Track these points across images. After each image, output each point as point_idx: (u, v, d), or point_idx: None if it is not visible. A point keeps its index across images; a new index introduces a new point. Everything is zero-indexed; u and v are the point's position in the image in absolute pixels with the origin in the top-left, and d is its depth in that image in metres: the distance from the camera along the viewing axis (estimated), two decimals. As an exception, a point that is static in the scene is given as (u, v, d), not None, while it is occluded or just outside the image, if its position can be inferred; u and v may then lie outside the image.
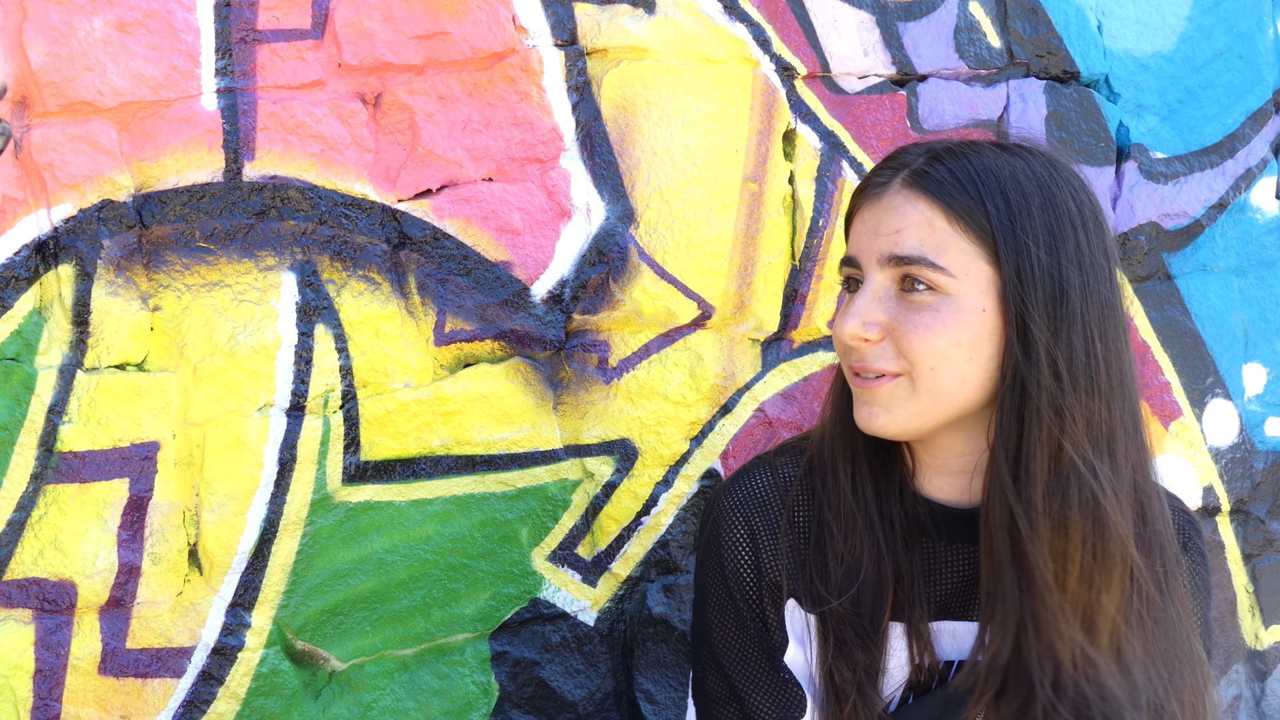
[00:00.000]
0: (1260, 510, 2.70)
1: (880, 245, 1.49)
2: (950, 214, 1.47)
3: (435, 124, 1.95)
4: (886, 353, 1.49)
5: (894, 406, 1.49)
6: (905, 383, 1.48)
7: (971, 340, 1.47)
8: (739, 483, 1.68)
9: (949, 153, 1.51)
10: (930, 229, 1.47)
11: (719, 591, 1.65)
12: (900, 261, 1.48)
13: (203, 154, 1.81)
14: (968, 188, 1.48)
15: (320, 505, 1.91)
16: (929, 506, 1.58)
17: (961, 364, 1.47)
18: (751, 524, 1.63)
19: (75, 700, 1.80)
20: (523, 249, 2.01)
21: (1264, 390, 2.68)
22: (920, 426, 1.51)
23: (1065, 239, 1.47)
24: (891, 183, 1.52)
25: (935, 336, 1.46)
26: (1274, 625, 2.74)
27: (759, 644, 1.63)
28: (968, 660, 1.55)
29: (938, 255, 1.46)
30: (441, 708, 2.03)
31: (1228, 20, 2.57)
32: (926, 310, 1.47)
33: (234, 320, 1.84)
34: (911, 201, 1.49)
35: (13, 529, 1.74)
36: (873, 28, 2.25)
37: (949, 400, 1.49)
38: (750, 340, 2.21)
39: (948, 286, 1.46)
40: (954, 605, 1.60)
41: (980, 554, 1.51)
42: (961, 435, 1.54)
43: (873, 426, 1.51)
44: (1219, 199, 2.59)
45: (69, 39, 1.71)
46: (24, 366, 1.73)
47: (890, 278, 1.49)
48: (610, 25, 2.05)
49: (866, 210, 1.53)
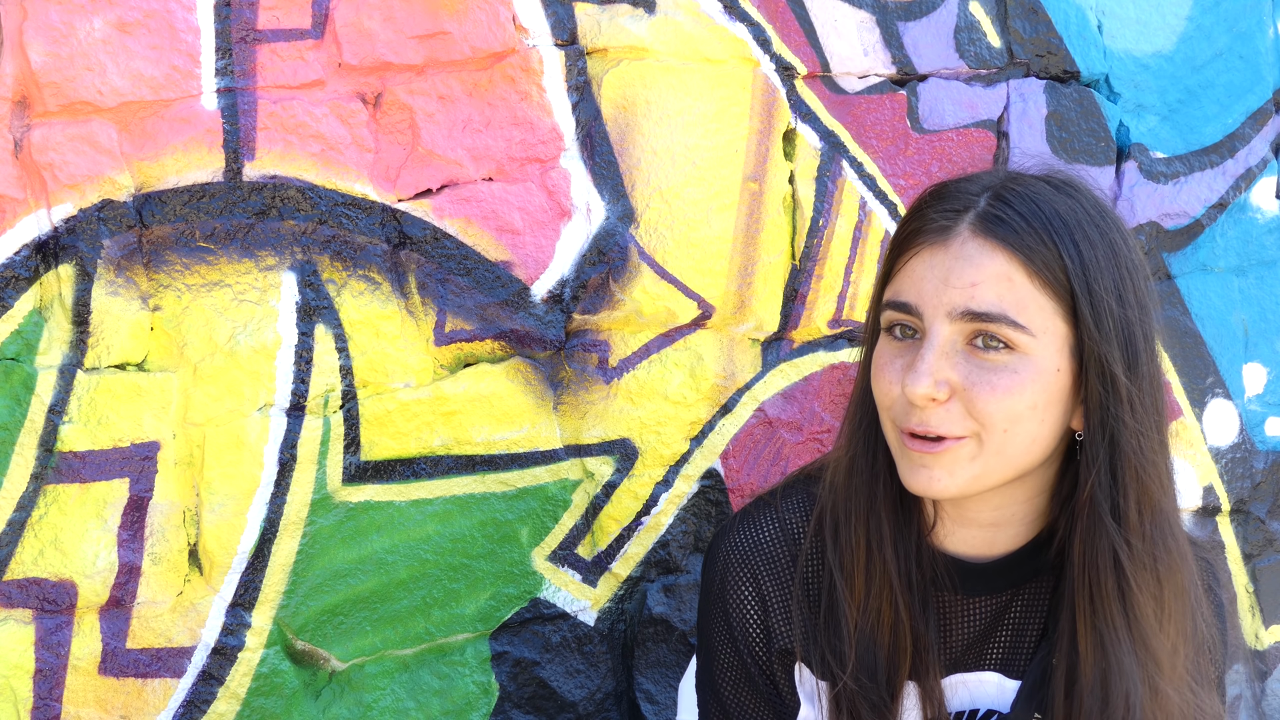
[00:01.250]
0: (1260, 510, 2.70)
1: (952, 298, 1.40)
2: (1030, 268, 1.39)
3: (435, 124, 1.95)
4: (953, 415, 1.40)
5: (957, 470, 1.41)
6: (971, 445, 1.41)
7: (1046, 401, 1.41)
8: (743, 530, 1.60)
9: (1012, 194, 1.43)
10: (1010, 284, 1.39)
11: (727, 650, 1.59)
12: (976, 318, 1.39)
13: (203, 154, 1.81)
14: (1043, 237, 1.40)
15: (320, 505, 1.91)
16: (947, 561, 1.52)
17: (1034, 426, 1.41)
18: (759, 583, 1.57)
19: (75, 700, 1.80)
20: (523, 249, 2.01)
21: (1264, 390, 2.68)
22: (979, 489, 1.44)
23: (1127, 286, 1.43)
24: (958, 226, 1.43)
25: (1014, 399, 1.39)
26: (1274, 625, 2.74)
27: (771, 707, 1.58)
28: (1013, 712, 1.52)
29: (1019, 313, 1.39)
30: (441, 708, 2.03)
31: (1228, 20, 2.56)
32: (1004, 371, 1.39)
33: (234, 320, 1.84)
34: (987, 252, 1.40)
35: (13, 529, 1.74)
36: (873, 27, 2.25)
37: (1014, 462, 1.43)
38: (750, 340, 2.21)
39: (1026, 346, 1.39)
40: (969, 658, 1.56)
41: (1070, 594, 1.46)
42: (1001, 492, 1.48)
43: (932, 489, 1.42)
44: (1219, 199, 2.59)
45: (69, 39, 1.71)
46: (24, 366, 1.73)
47: (960, 333, 1.41)
48: (610, 25, 2.05)
49: (930, 255, 1.43)
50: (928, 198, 1.50)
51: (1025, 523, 1.52)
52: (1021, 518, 1.51)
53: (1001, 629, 1.55)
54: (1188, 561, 1.48)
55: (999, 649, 1.56)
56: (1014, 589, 1.54)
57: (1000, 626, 1.55)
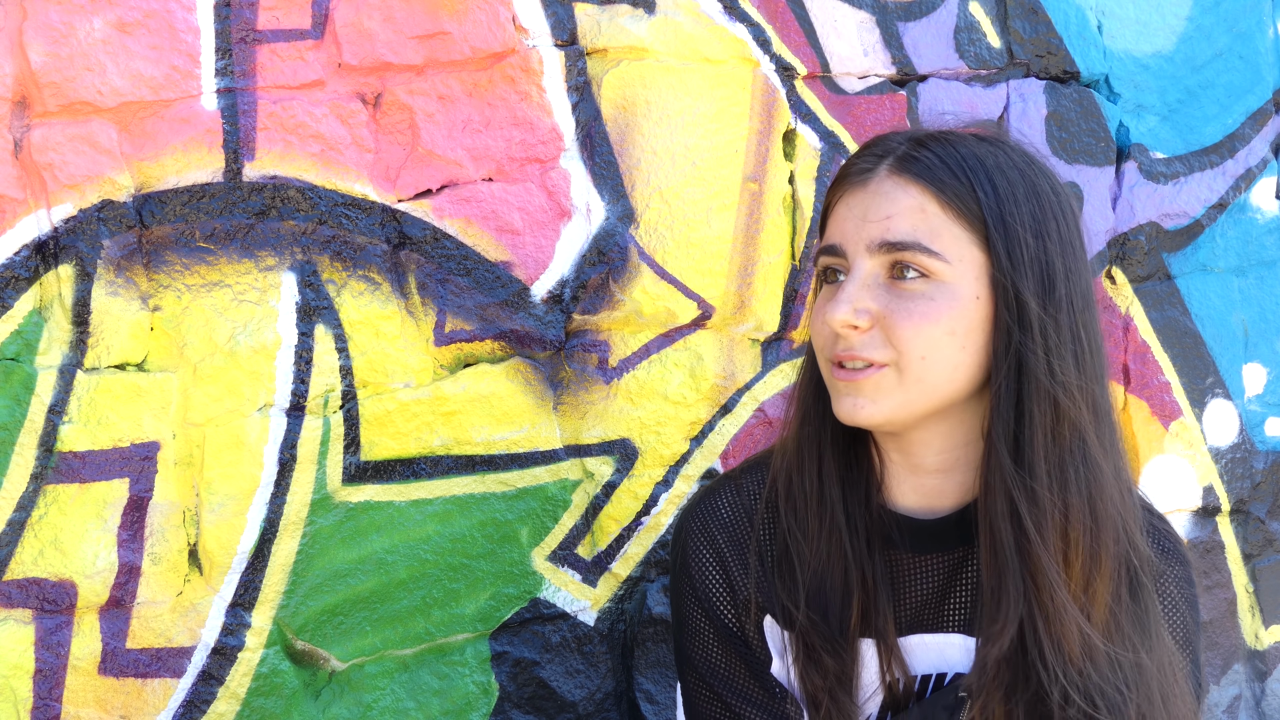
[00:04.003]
0: (1260, 510, 2.70)
1: (870, 231, 1.46)
2: (942, 199, 1.45)
3: (435, 124, 1.95)
4: (875, 341, 1.45)
5: (880, 397, 1.46)
6: (892, 373, 1.45)
7: (965, 328, 1.45)
8: (702, 504, 1.65)
9: (933, 139, 1.50)
10: (923, 214, 1.45)
11: (696, 615, 1.63)
12: (892, 248, 1.45)
13: (203, 154, 1.81)
14: (957, 173, 1.46)
15: (320, 505, 1.91)
16: (896, 519, 1.55)
17: (954, 352, 1.45)
18: (717, 546, 1.61)
19: (75, 700, 1.80)
20: (523, 249, 2.01)
21: (1264, 390, 2.69)
22: (905, 417, 1.48)
23: (1049, 225, 1.47)
24: (877, 169, 1.49)
25: (930, 324, 1.44)
26: (1274, 625, 2.74)
27: (744, 662, 1.61)
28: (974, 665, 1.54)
29: (931, 241, 1.44)
30: (441, 708, 2.03)
31: (1228, 20, 2.57)
32: (920, 298, 1.44)
33: (234, 320, 1.84)
34: (902, 187, 1.46)
35: (13, 529, 1.74)
36: (873, 28, 2.25)
37: (937, 390, 1.47)
38: (750, 340, 2.21)
39: (942, 273, 1.44)
40: (927, 617, 1.58)
41: (980, 550, 1.49)
42: (940, 431, 1.51)
43: (857, 417, 1.47)
44: (1219, 199, 2.60)
45: (69, 39, 1.71)
46: (24, 366, 1.73)
47: (880, 265, 1.46)
48: (610, 25, 2.05)
49: (851, 196, 1.50)
50: (855, 151, 1.57)
51: (971, 469, 1.53)
52: (966, 463, 1.53)
53: (958, 589, 1.57)
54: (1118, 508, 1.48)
55: (959, 610, 1.57)
56: (965, 547, 1.55)
57: (956, 586, 1.57)
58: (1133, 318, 2.53)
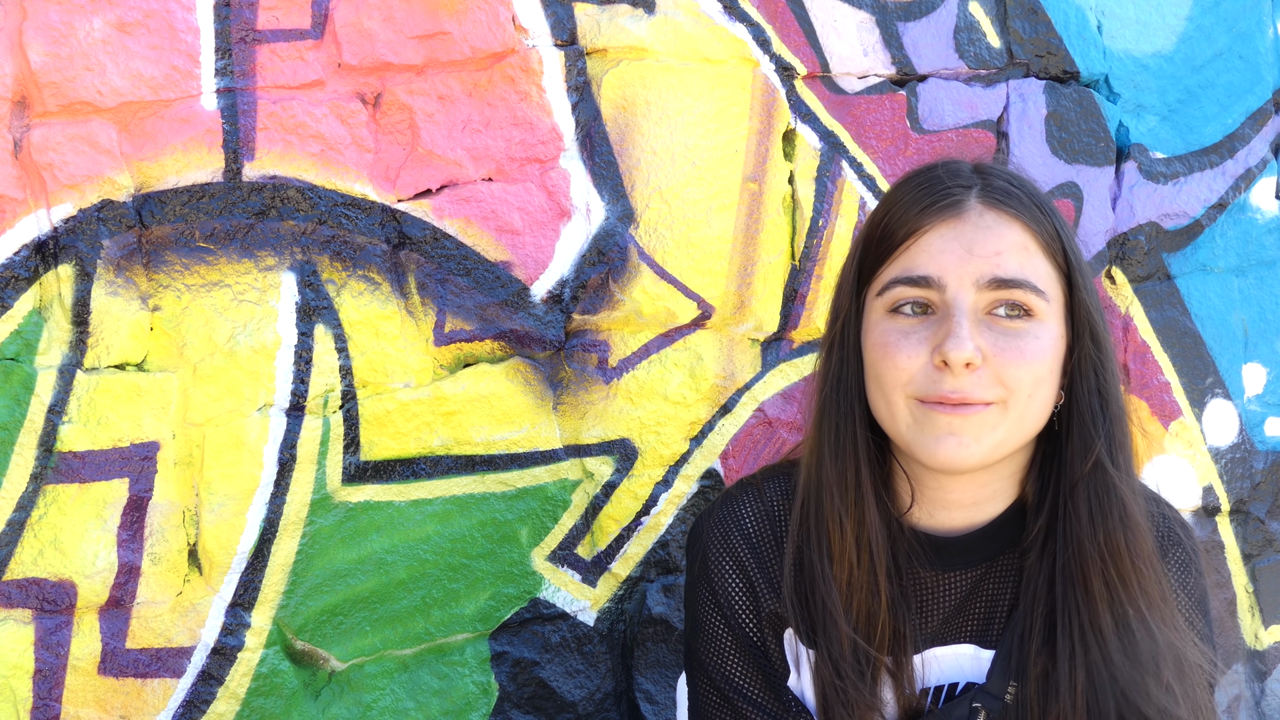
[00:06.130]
0: (1260, 510, 2.70)
1: (979, 267, 1.43)
2: (1040, 238, 1.45)
3: (435, 124, 1.95)
4: (984, 380, 1.42)
5: (984, 435, 1.43)
6: (997, 411, 1.43)
7: (1055, 366, 1.46)
8: (724, 510, 1.63)
9: (996, 171, 1.50)
10: (1026, 252, 1.44)
11: (715, 622, 1.61)
12: (1003, 285, 1.43)
13: (203, 154, 1.81)
14: (1039, 210, 1.47)
15: (320, 505, 1.91)
16: (923, 539, 1.54)
17: (1048, 391, 1.46)
18: (739, 556, 1.59)
19: (75, 700, 1.80)
20: (523, 249, 2.01)
21: (1264, 390, 2.68)
22: (998, 457, 1.46)
23: (1085, 259, 1.51)
24: (968, 200, 1.46)
25: (1039, 363, 1.43)
26: (1274, 625, 2.74)
27: (762, 673, 1.60)
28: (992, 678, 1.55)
29: (1037, 279, 1.44)
30: (441, 708, 2.03)
31: (1228, 20, 2.57)
32: (1028, 337, 1.43)
33: (234, 320, 1.84)
34: (1005, 222, 1.45)
35: (13, 529, 1.74)
36: (873, 28, 2.25)
37: (1029, 428, 1.47)
38: (750, 340, 2.21)
39: (1043, 312, 1.44)
40: (946, 631, 1.58)
41: (1034, 563, 1.50)
42: (990, 469, 1.50)
43: (958, 458, 1.44)
44: (1219, 199, 2.59)
45: (69, 39, 1.71)
46: (24, 366, 1.73)
47: (983, 301, 1.44)
48: (610, 25, 2.05)
49: (947, 228, 1.46)
50: (917, 177, 1.53)
51: (1001, 499, 1.55)
52: (1000, 494, 1.54)
53: (976, 601, 1.58)
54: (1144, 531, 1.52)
55: (974, 621, 1.58)
56: (988, 562, 1.56)
57: (975, 599, 1.58)
58: (1132, 318, 2.53)
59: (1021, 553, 1.54)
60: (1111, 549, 1.47)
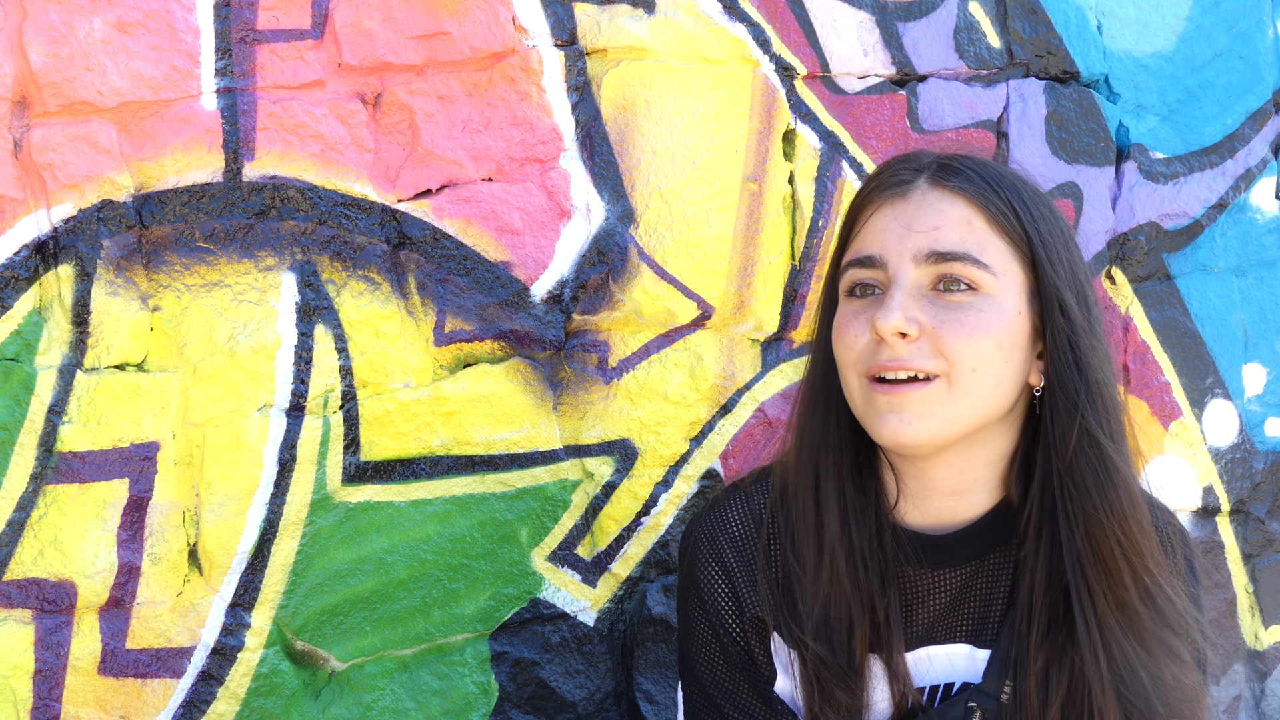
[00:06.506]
0: (1260, 510, 2.70)
1: (916, 242, 1.45)
2: (988, 214, 1.46)
3: (435, 124, 1.95)
4: (924, 351, 1.43)
5: (928, 413, 1.43)
6: (941, 385, 1.43)
7: (1010, 342, 1.45)
8: (711, 516, 1.63)
9: (960, 158, 1.51)
10: (970, 227, 1.45)
11: (702, 627, 1.62)
12: (941, 258, 1.44)
13: (203, 154, 1.81)
14: (997, 190, 1.47)
15: (320, 505, 1.91)
16: (910, 536, 1.54)
17: (1000, 366, 1.45)
18: (725, 561, 1.59)
19: (75, 700, 1.80)
20: (523, 249, 2.01)
21: (1264, 390, 2.69)
22: (948, 436, 1.46)
23: (1071, 247, 1.50)
24: (916, 181, 1.49)
25: (982, 336, 1.43)
26: (1274, 625, 2.74)
27: (748, 678, 1.61)
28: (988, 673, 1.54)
29: (980, 253, 1.44)
30: (441, 708, 2.03)
31: (1228, 20, 2.57)
32: (970, 310, 1.44)
33: (234, 320, 1.84)
34: (947, 199, 1.47)
35: (13, 529, 1.74)
36: (872, 28, 2.25)
37: (981, 406, 1.46)
38: (750, 340, 2.21)
39: (989, 286, 1.44)
40: (939, 630, 1.58)
41: (1029, 556, 1.49)
42: (963, 453, 1.50)
43: (902, 435, 1.44)
44: (1219, 199, 2.60)
45: (69, 39, 1.71)
46: (24, 366, 1.73)
47: (925, 276, 1.45)
48: (610, 25, 2.05)
49: (890, 207, 1.49)
50: (881, 167, 1.57)
51: (986, 489, 1.54)
52: (983, 483, 1.53)
53: (969, 600, 1.57)
54: (1143, 513, 1.52)
55: (968, 620, 1.57)
56: (978, 560, 1.55)
57: (967, 598, 1.57)
58: (1132, 318, 2.53)
59: (1014, 548, 1.54)
60: (1120, 518, 1.46)
